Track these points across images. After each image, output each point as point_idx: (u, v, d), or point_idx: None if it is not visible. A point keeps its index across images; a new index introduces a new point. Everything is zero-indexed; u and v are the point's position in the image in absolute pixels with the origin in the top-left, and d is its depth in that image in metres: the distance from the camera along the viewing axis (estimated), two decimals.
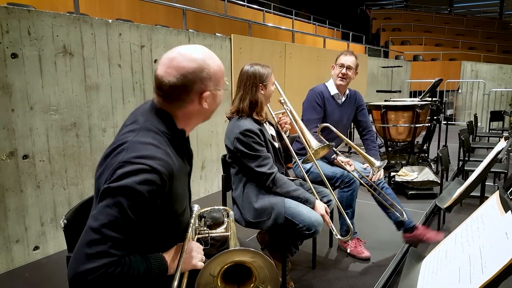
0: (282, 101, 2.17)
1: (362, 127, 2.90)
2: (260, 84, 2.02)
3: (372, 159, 2.44)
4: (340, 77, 2.69)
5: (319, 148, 2.11)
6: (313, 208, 1.98)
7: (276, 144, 2.16)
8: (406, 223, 2.58)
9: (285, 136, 2.19)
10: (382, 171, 2.60)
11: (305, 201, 1.98)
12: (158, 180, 1.03)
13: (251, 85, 2.01)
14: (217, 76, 1.19)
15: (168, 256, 1.15)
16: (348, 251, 2.63)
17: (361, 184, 2.54)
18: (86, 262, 0.96)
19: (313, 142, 2.09)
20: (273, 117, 2.22)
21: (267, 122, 2.18)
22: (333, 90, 2.74)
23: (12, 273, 2.44)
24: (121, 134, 1.15)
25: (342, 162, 2.55)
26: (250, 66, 2.05)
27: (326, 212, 2.00)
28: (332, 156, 2.57)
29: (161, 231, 1.15)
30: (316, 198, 2.06)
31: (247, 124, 1.95)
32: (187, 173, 1.28)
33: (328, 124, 2.47)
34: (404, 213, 2.50)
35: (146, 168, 1.02)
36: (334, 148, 2.56)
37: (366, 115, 2.94)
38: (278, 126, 2.19)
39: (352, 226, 2.57)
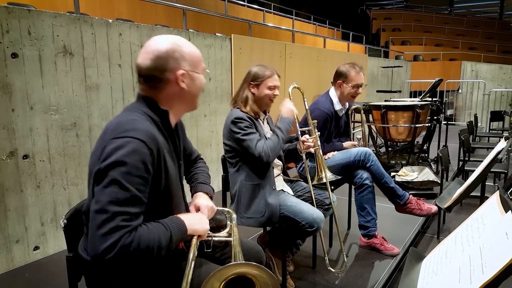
0: (313, 126, 2.29)
1: (345, 134, 3.00)
2: (251, 83, 2.09)
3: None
4: (355, 97, 2.71)
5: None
6: (288, 116, 2.10)
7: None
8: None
9: (303, 155, 2.24)
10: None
11: (287, 130, 2.09)
12: (144, 148, 1.08)
13: (243, 81, 2.13)
14: (192, 58, 1.24)
15: (181, 215, 1.20)
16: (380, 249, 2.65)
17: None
18: (103, 241, 0.98)
19: (328, 174, 2.23)
20: (298, 132, 2.26)
21: (265, 122, 2.20)
22: (337, 105, 2.73)
23: (12, 273, 2.44)
24: (108, 122, 1.21)
25: (351, 147, 2.75)
26: (254, 66, 2.14)
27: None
28: (343, 144, 2.77)
29: (155, 213, 1.16)
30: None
31: (237, 113, 2.03)
32: (175, 160, 1.28)
33: None
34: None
35: (131, 140, 1.07)
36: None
37: None
38: (300, 144, 2.22)
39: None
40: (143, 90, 1.24)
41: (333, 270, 2.23)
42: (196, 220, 1.23)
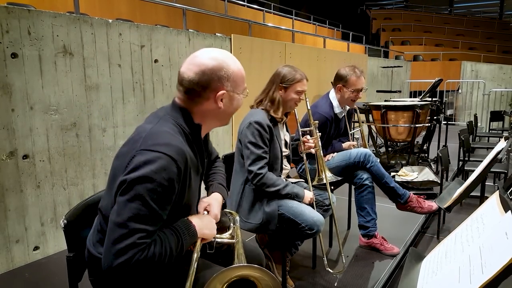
0: (314, 126, 2.26)
1: (345, 135, 2.98)
2: (280, 84, 2.06)
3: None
4: (355, 101, 2.70)
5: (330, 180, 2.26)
6: (302, 200, 2.02)
7: (285, 152, 2.17)
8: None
9: (304, 155, 2.23)
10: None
11: (295, 196, 2.01)
12: (173, 167, 1.06)
13: (272, 82, 2.09)
14: (236, 78, 1.22)
15: (192, 219, 1.20)
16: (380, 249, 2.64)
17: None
18: (118, 257, 1.00)
19: (328, 175, 2.23)
20: (299, 132, 2.25)
21: (284, 126, 2.19)
22: (337, 108, 2.72)
23: (12, 273, 2.44)
24: (140, 126, 1.19)
25: (350, 147, 2.74)
26: (283, 67, 2.12)
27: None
28: (342, 145, 2.75)
29: (170, 222, 1.16)
30: (309, 189, 2.13)
31: (259, 116, 1.98)
32: (199, 173, 1.28)
33: None
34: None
35: (162, 156, 1.05)
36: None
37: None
38: (301, 144, 2.22)
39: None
40: (180, 99, 1.22)
41: (331, 271, 2.23)
42: (206, 224, 1.24)
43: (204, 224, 1.23)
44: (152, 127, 1.14)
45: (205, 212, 1.34)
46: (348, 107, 2.82)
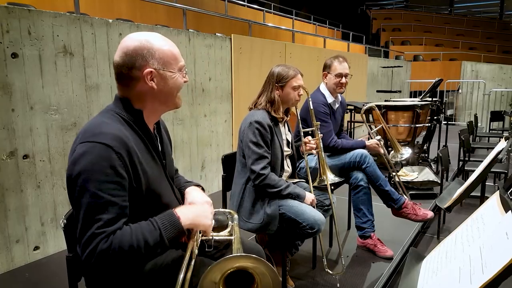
0: (316, 127, 2.27)
1: (340, 130, 2.98)
2: (276, 84, 2.06)
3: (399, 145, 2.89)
4: (340, 87, 2.73)
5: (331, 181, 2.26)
6: (303, 201, 2.02)
7: (287, 151, 2.17)
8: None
9: (306, 156, 2.23)
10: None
11: (296, 197, 2.01)
12: (111, 153, 1.06)
13: (268, 84, 2.10)
14: (163, 56, 1.20)
15: (178, 209, 1.18)
16: (374, 251, 2.64)
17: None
18: (83, 250, 1.03)
19: (329, 176, 2.24)
20: (301, 133, 2.25)
21: (286, 125, 2.19)
22: (330, 98, 2.76)
23: (12, 273, 2.44)
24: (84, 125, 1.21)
25: (374, 145, 2.73)
26: (276, 66, 2.12)
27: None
28: (366, 142, 2.74)
29: (148, 215, 1.15)
30: (309, 191, 2.12)
31: (259, 116, 1.99)
32: (156, 159, 1.25)
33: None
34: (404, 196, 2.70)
35: (96, 145, 1.06)
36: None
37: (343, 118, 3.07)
38: (303, 145, 2.22)
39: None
40: (118, 89, 1.24)
41: (331, 272, 2.24)
42: (196, 212, 1.22)
43: (192, 211, 1.20)
44: (90, 122, 1.16)
45: None
46: (340, 98, 2.85)
